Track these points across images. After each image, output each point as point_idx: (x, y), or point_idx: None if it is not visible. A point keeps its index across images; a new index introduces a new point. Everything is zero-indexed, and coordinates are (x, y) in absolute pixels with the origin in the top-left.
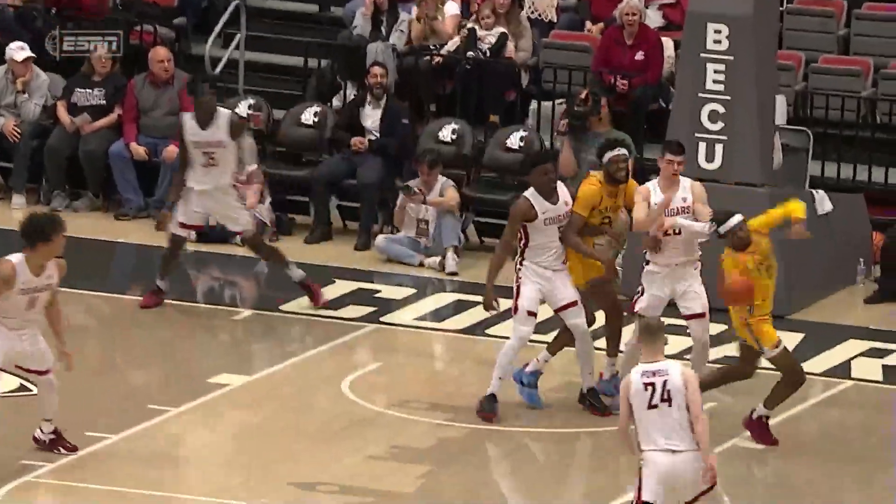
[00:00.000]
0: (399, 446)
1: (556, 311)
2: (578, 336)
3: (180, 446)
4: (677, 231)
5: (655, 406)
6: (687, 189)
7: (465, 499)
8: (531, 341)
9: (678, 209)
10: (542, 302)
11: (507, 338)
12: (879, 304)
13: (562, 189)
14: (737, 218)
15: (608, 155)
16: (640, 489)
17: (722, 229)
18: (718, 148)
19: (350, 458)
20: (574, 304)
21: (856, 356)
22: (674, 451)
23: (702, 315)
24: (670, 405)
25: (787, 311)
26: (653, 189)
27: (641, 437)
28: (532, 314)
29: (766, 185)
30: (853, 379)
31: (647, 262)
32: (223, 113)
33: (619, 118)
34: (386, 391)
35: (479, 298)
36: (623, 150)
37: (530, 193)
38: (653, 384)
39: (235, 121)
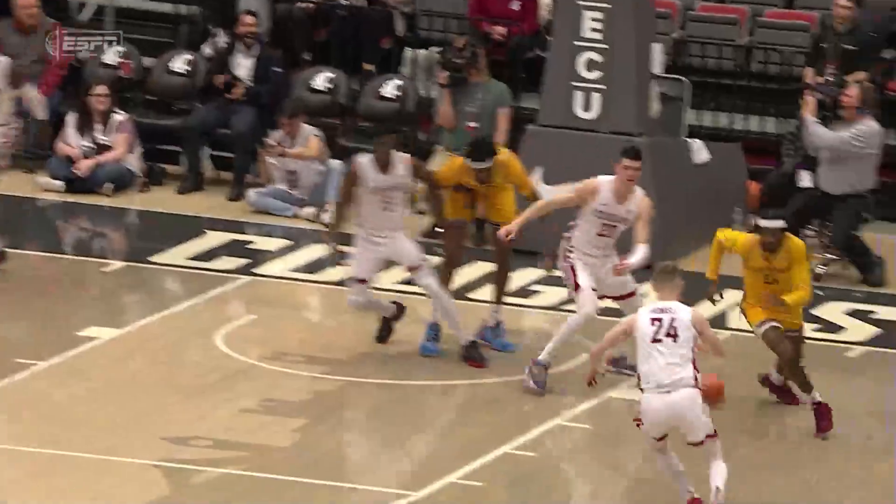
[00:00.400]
0: (274, 399)
1: (407, 271)
2: (432, 295)
3: (48, 401)
4: (609, 234)
5: (660, 340)
6: (636, 202)
7: (342, 452)
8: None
9: (620, 217)
10: (392, 264)
11: (382, 290)
12: None
13: (399, 159)
14: (781, 223)
15: (470, 162)
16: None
17: (762, 223)
18: (595, 97)
19: (224, 412)
20: (419, 266)
21: (732, 306)
22: (670, 392)
23: (632, 294)
24: (675, 340)
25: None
26: (603, 190)
27: (642, 375)
28: (361, 281)
29: (644, 135)
30: (730, 329)
31: (572, 249)
32: (2, 60)
33: (497, 67)
34: (261, 344)
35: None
36: (485, 165)
37: (366, 160)
38: (660, 319)
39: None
